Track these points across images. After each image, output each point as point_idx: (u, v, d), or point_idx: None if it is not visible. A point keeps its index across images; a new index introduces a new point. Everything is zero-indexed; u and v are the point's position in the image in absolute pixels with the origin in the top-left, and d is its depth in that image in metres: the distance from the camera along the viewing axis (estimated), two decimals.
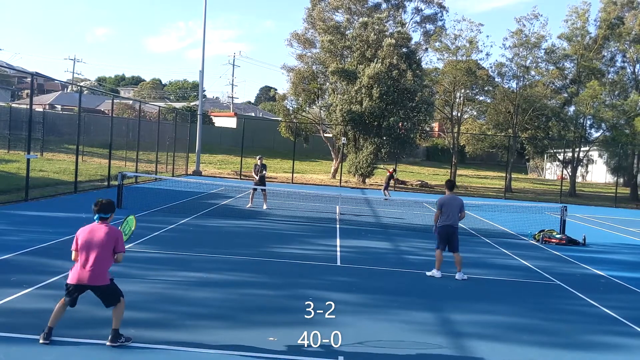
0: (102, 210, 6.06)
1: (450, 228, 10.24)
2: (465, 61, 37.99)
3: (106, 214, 6.09)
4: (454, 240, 10.28)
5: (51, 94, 72.64)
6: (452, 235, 10.27)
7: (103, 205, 6.08)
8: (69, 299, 5.96)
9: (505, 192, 35.61)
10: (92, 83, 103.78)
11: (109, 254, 5.98)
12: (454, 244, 10.29)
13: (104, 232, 5.97)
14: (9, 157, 28.56)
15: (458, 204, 10.34)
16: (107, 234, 5.97)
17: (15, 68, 52.93)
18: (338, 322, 7.25)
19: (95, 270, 5.88)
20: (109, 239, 5.96)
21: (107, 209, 6.10)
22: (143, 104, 34.26)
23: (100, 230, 5.98)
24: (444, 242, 10.31)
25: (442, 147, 63.04)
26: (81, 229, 6.08)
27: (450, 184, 10.68)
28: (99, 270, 5.91)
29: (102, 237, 5.94)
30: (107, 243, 5.94)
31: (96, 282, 5.90)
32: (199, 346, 6.06)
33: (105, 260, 5.96)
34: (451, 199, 10.38)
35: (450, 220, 10.23)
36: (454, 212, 10.24)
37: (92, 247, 5.90)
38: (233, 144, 48.62)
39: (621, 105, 36.54)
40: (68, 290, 5.96)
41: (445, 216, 10.24)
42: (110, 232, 6.00)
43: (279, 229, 14.92)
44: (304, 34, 40.29)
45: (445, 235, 10.27)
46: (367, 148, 34.80)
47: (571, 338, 7.45)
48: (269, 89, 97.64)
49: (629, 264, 13.73)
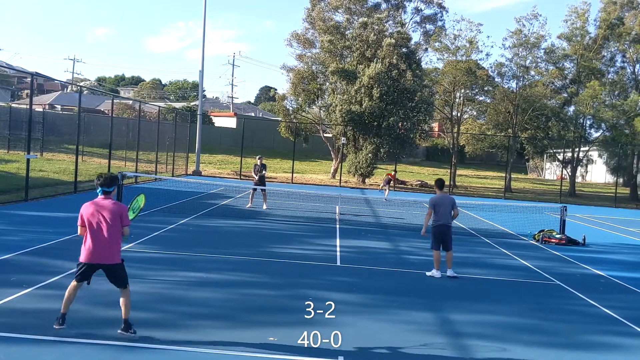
0: (105, 184, 6.06)
1: (444, 227, 10.32)
2: (465, 61, 38.00)
3: (109, 188, 6.09)
4: (448, 239, 10.37)
5: (51, 94, 72.62)
6: (446, 234, 10.34)
7: (106, 179, 6.08)
8: (80, 278, 6.05)
9: (505, 192, 35.60)
10: (92, 83, 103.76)
11: (118, 229, 6.03)
12: (448, 242, 10.38)
13: (109, 207, 6.00)
14: (8, 157, 28.55)
15: (450, 202, 10.44)
16: (113, 208, 6.00)
17: (15, 68, 52.92)
18: (338, 322, 7.26)
19: (109, 248, 5.96)
20: (116, 214, 6.00)
21: (110, 182, 6.10)
22: (143, 104, 34.26)
23: (106, 205, 6.01)
24: (439, 241, 10.37)
25: (441, 147, 63.04)
26: (85, 204, 6.10)
27: (440, 183, 10.76)
28: (112, 247, 6.00)
29: (109, 212, 5.98)
30: (114, 218, 5.98)
31: (110, 260, 5.99)
32: (199, 346, 6.06)
33: (117, 236, 6.04)
34: (443, 197, 10.49)
35: (443, 219, 10.31)
36: (447, 210, 10.33)
37: (100, 223, 5.95)
38: (233, 144, 48.61)
39: (621, 105, 36.54)
40: (81, 269, 6.05)
41: (439, 215, 10.32)
42: (116, 206, 6.05)
43: (279, 229, 14.92)
44: (304, 34, 40.28)
45: (439, 234, 10.34)
46: (366, 148, 34.80)
47: (571, 338, 7.46)
48: (269, 89, 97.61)
49: (629, 264, 13.74)
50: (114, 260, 6.04)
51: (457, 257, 12.37)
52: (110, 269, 6.04)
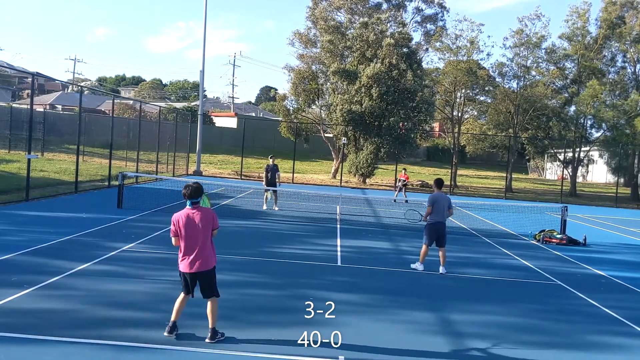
0: (192, 195, 6.22)
1: (440, 225, 10.73)
2: (466, 61, 37.98)
3: (197, 198, 6.25)
4: (443, 237, 10.76)
5: (52, 94, 72.65)
6: (441, 232, 10.71)
7: (193, 190, 6.23)
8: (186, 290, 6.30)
9: (505, 192, 35.59)
10: (92, 83, 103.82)
11: (210, 236, 6.29)
12: (442, 239, 10.76)
13: (201, 216, 6.19)
14: (9, 157, 28.57)
15: (446, 201, 10.85)
16: (204, 217, 6.21)
17: (16, 68, 52.98)
18: (338, 322, 7.25)
19: (205, 256, 6.21)
20: (208, 222, 6.23)
21: (197, 193, 6.25)
22: (143, 104, 34.26)
23: (198, 214, 6.20)
24: (433, 238, 10.76)
25: (442, 147, 63.01)
26: (177, 215, 6.26)
27: (439, 182, 11.14)
28: (208, 254, 6.24)
29: (202, 221, 6.19)
30: (207, 226, 6.22)
31: (206, 267, 6.22)
32: (199, 346, 6.06)
33: (210, 244, 6.28)
34: (440, 196, 10.85)
35: (440, 217, 10.73)
36: (444, 209, 10.75)
37: (195, 233, 6.16)
38: (233, 144, 48.61)
39: (622, 105, 36.52)
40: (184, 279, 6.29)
41: (436, 213, 10.74)
42: (208, 215, 6.26)
43: (279, 229, 14.92)
44: (307, 34, 40.25)
45: (435, 231, 10.73)
46: (367, 148, 34.80)
47: (572, 338, 7.45)
48: (270, 89, 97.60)
49: (630, 264, 13.73)
50: (209, 267, 6.26)
51: (458, 257, 12.39)
52: (205, 276, 6.25)
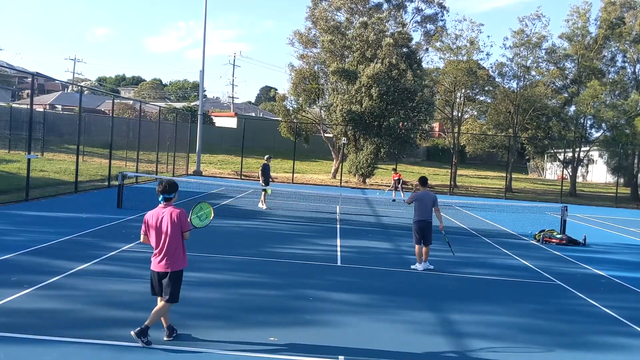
0: (165, 191, 6.10)
1: (424, 223, 10.87)
2: (466, 61, 37.98)
3: (170, 194, 6.12)
4: (427, 234, 10.86)
5: (52, 94, 72.62)
6: (426, 230, 10.85)
7: (166, 186, 6.12)
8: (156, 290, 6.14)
9: (505, 192, 35.58)
10: (92, 83, 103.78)
11: (180, 236, 6.09)
12: (427, 237, 10.86)
13: (171, 215, 6.05)
14: (9, 157, 28.57)
15: (431, 199, 10.95)
16: (174, 217, 6.05)
17: (15, 68, 52.97)
18: (338, 322, 7.26)
19: (173, 254, 6.05)
20: (176, 220, 6.04)
21: (170, 189, 6.13)
22: (143, 104, 34.25)
23: (168, 212, 6.06)
24: (420, 236, 10.89)
25: (442, 147, 63.01)
26: (149, 212, 6.16)
27: (423, 180, 11.33)
28: (177, 252, 6.08)
29: (172, 220, 6.03)
30: (176, 225, 6.04)
31: (175, 267, 6.06)
32: (199, 346, 6.06)
33: (179, 242, 6.10)
34: (424, 194, 10.99)
35: (424, 215, 10.88)
36: (428, 207, 10.87)
37: (164, 231, 6.02)
38: (233, 144, 48.60)
39: (621, 105, 36.52)
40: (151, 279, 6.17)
41: (420, 211, 10.90)
42: (176, 212, 6.08)
43: (279, 229, 14.92)
44: (307, 34, 40.24)
45: (420, 230, 10.86)
46: (367, 148, 34.80)
47: (571, 338, 7.45)
48: (269, 89, 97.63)
49: (630, 264, 13.73)
50: (177, 267, 6.11)
51: (458, 257, 12.39)
52: (170, 278, 6.06)
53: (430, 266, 10.93)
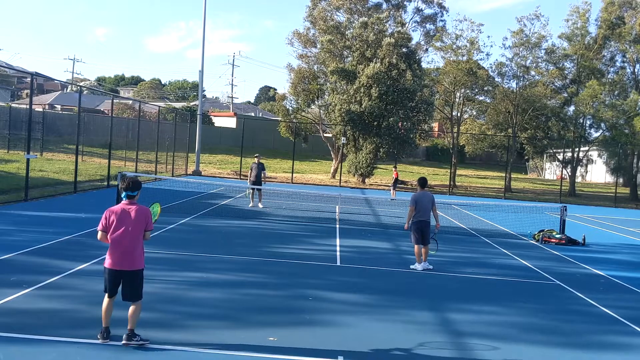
0: (129, 188, 5.98)
1: (423, 223, 10.98)
2: (466, 61, 37.99)
3: (134, 192, 6.01)
4: (426, 234, 10.96)
5: (51, 94, 72.56)
6: (425, 229, 10.95)
7: (130, 183, 6.00)
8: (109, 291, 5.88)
9: (505, 192, 35.61)
10: (91, 83, 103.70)
11: (141, 234, 5.96)
12: (426, 237, 10.95)
13: (136, 213, 5.92)
14: (8, 157, 28.56)
15: (429, 199, 11.09)
16: (139, 214, 5.93)
17: (15, 68, 52.88)
18: (338, 322, 7.26)
19: (132, 254, 5.88)
20: (141, 220, 5.93)
21: (134, 186, 6.02)
22: (143, 104, 34.25)
23: (133, 210, 5.94)
24: (420, 236, 10.96)
25: (441, 147, 63.02)
26: (108, 209, 6.02)
27: (422, 181, 11.41)
28: (136, 252, 5.92)
29: (136, 218, 5.91)
30: (140, 223, 5.92)
31: (133, 267, 5.88)
32: (199, 346, 6.06)
33: (140, 241, 5.96)
34: (423, 195, 11.08)
35: (424, 216, 10.97)
36: (427, 207, 10.99)
37: (126, 228, 5.86)
38: (233, 144, 48.61)
39: (621, 105, 36.55)
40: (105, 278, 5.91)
41: (420, 212, 10.96)
42: (143, 212, 5.97)
43: (279, 229, 14.92)
44: (306, 34, 40.23)
45: (419, 229, 10.94)
46: (366, 148, 34.80)
47: (571, 338, 7.46)
48: (269, 89, 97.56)
49: (629, 263, 13.74)
50: (136, 267, 5.93)
51: (458, 257, 12.41)
52: (131, 276, 5.90)
53: (429, 266, 10.96)
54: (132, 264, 5.88)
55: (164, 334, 6.34)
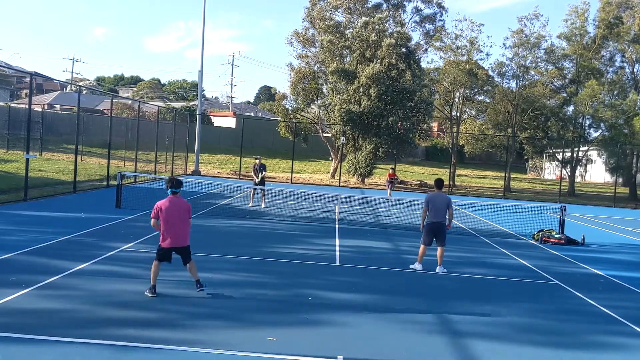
0: (174, 186, 7.93)
1: (438, 224, 10.80)
2: (465, 61, 38.01)
3: (177, 189, 7.93)
4: (441, 235, 10.80)
5: (50, 93, 72.50)
6: (438, 231, 10.79)
7: (175, 182, 7.96)
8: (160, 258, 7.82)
9: (504, 192, 35.62)
10: (91, 83, 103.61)
11: (187, 219, 7.93)
12: (441, 239, 10.81)
13: (183, 203, 7.95)
14: (8, 157, 28.54)
15: (444, 201, 10.85)
16: (185, 204, 7.97)
17: (14, 68, 52.86)
18: (337, 321, 7.26)
19: (185, 234, 7.89)
20: (187, 208, 7.96)
21: (179, 184, 7.98)
22: (142, 103, 34.23)
23: (180, 201, 7.91)
24: (431, 237, 10.83)
25: (441, 147, 63.03)
26: (161, 202, 7.82)
27: (438, 182, 11.18)
28: (185, 233, 7.91)
29: (183, 206, 7.92)
30: (186, 211, 7.92)
31: (185, 243, 7.92)
32: (199, 346, 6.06)
33: (188, 225, 7.96)
34: (437, 196, 10.90)
35: (437, 217, 10.79)
36: (441, 209, 10.77)
37: (177, 216, 7.80)
38: (232, 144, 48.59)
39: (620, 105, 36.58)
40: (161, 253, 7.81)
41: (433, 213, 10.79)
42: (186, 203, 7.99)
43: (279, 229, 14.92)
44: (305, 34, 40.23)
45: (432, 231, 10.80)
46: (366, 148, 34.80)
47: (570, 338, 7.46)
48: (269, 89, 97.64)
49: (628, 263, 13.75)
50: (186, 243, 7.94)
51: (457, 256, 12.41)
52: (184, 250, 7.92)
53: (444, 270, 10.76)
54: (184, 241, 7.91)
55: (164, 333, 6.34)
